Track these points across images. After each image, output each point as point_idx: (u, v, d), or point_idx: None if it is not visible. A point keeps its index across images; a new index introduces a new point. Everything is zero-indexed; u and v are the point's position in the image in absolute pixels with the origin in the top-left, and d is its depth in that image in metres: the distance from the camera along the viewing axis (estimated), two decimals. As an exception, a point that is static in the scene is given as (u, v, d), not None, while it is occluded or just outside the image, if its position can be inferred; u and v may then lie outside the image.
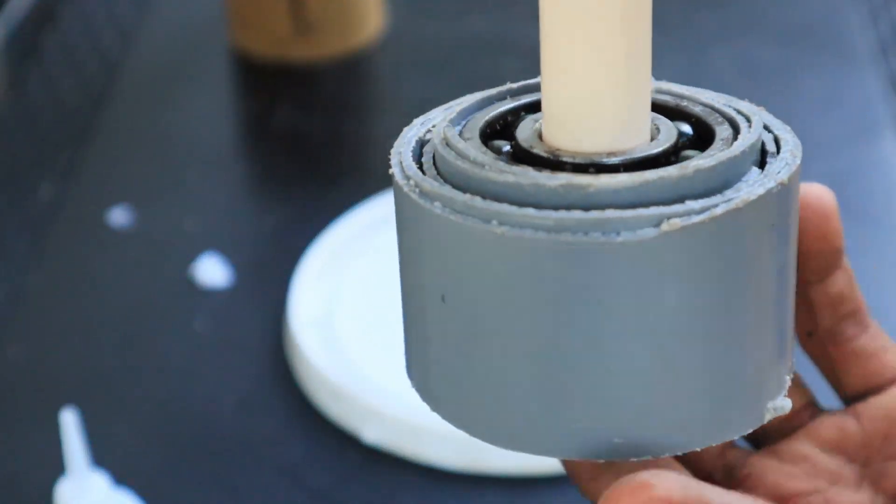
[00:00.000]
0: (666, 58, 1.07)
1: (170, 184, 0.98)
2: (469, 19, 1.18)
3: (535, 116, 0.37)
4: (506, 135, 0.37)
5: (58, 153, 1.01)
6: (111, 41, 1.17)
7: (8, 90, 1.08)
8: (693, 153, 0.35)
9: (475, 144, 0.36)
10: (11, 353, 0.81)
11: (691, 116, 0.37)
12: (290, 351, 0.79)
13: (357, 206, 0.90)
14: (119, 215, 0.93)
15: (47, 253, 0.91)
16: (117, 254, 0.90)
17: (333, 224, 0.88)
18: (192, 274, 0.87)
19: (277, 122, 1.06)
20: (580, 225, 0.32)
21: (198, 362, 0.81)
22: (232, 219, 0.96)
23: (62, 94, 1.09)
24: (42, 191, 0.97)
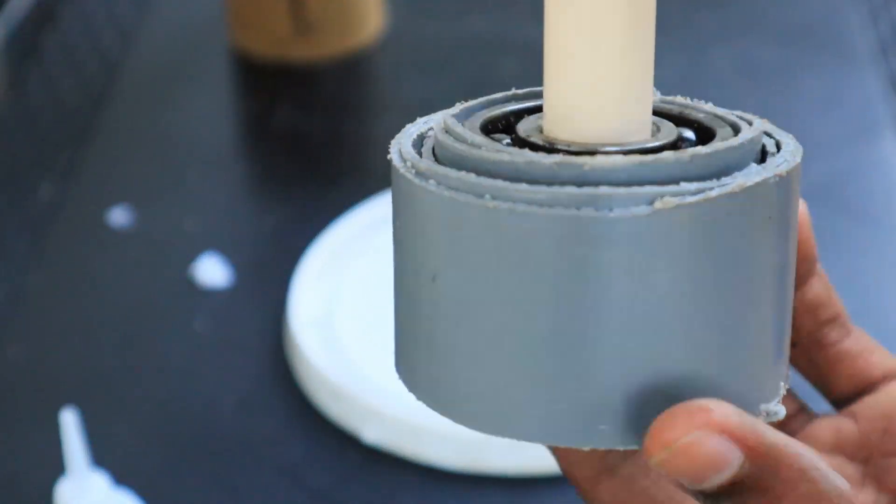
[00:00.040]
0: (666, 58, 1.06)
1: (170, 184, 0.98)
2: (469, 19, 1.18)
3: (538, 116, 0.37)
4: (507, 132, 0.37)
5: (58, 153, 1.01)
6: (111, 41, 1.17)
7: (8, 90, 1.08)
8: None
9: (474, 131, 0.36)
10: (11, 353, 0.81)
11: (693, 122, 0.37)
12: (290, 351, 0.79)
13: (357, 206, 0.90)
14: (119, 215, 0.93)
15: (47, 253, 0.91)
16: (117, 254, 0.90)
17: (333, 224, 0.88)
18: (192, 274, 0.87)
19: (277, 122, 1.06)
20: (573, 199, 0.32)
21: (198, 362, 0.81)
22: (232, 219, 0.96)
23: (62, 94, 1.09)
24: (42, 191, 0.97)
